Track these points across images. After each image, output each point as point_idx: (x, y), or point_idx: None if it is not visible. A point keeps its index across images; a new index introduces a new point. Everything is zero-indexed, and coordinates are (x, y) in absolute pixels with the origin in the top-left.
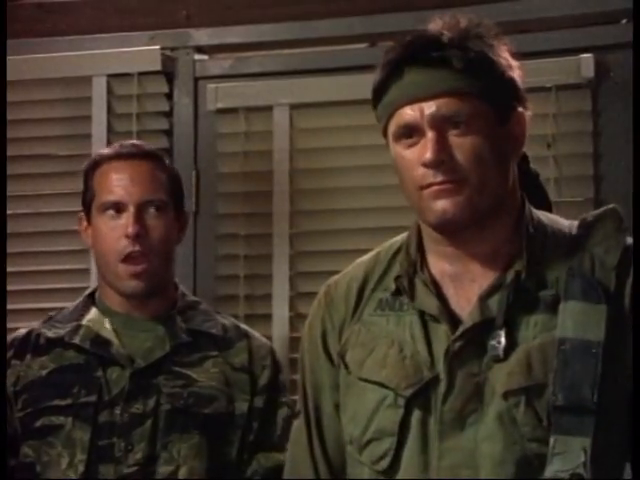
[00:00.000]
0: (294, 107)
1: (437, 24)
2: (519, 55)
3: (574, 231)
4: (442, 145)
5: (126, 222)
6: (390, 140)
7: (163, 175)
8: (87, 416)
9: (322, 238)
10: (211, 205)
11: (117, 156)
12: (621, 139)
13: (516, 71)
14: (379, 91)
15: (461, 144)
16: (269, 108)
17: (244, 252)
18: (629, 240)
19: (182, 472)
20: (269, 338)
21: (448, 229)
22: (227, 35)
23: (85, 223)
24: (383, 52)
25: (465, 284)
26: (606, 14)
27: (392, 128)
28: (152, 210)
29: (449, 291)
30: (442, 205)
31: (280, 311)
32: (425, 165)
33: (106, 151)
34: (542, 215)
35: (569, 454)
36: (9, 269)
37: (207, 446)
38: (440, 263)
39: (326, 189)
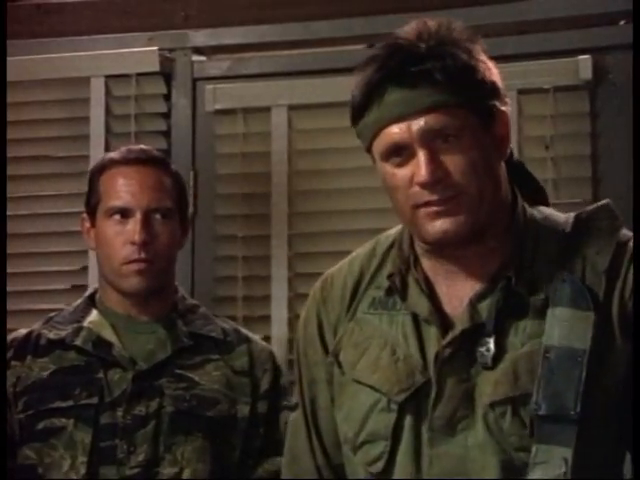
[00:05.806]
0: (292, 108)
1: (408, 32)
2: (518, 56)
3: (568, 229)
4: (435, 163)
5: (132, 228)
6: (377, 159)
7: (170, 181)
8: (88, 418)
9: (321, 239)
10: (209, 206)
11: (125, 161)
12: (619, 140)
13: (493, 71)
14: (360, 110)
15: (454, 158)
16: (267, 109)
17: (242, 253)
18: (624, 236)
19: (186, 474)
20: (268, 339)
21: (449, 247)
22: (225, 36)
23: (88, 224)
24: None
25: (458, 282)
26: (604, 15)
27: (379, 148)
28: (158, 217)
29: (442, 289)
30: (442, 225)
31: (279, 312)
32: (421, 186)
33: (114, 155)
34: (536, 212)
35: (550, 464)
36: (8, 270)
37: (210, 449)
38: (432, 261)
39: (325, 190)
